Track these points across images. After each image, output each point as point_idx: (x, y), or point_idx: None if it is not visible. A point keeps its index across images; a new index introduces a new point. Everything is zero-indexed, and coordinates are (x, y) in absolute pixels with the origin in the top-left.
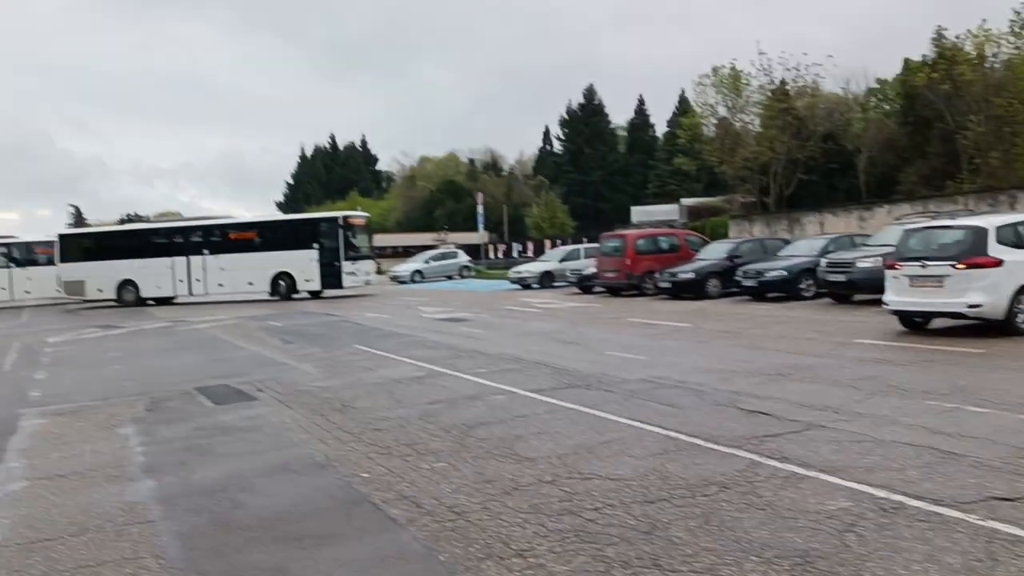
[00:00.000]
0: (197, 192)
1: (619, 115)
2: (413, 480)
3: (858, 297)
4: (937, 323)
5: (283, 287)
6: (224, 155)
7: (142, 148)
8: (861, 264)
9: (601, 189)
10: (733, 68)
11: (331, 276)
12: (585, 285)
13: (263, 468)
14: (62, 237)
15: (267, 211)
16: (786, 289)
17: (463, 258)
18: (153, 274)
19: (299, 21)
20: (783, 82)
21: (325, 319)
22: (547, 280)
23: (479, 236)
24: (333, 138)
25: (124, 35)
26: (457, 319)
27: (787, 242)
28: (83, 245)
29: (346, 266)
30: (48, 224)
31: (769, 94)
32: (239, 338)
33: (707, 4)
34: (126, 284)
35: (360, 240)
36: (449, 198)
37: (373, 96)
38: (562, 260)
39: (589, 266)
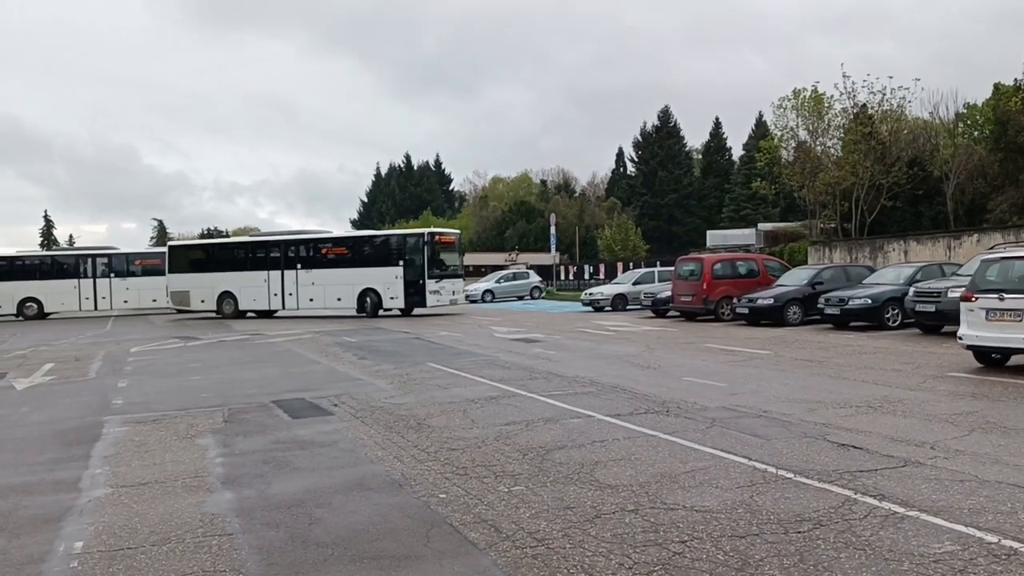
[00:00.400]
0: (274, 208)
1: (693, 138)
2: (491, 503)
3: (948, 328)
4: (1016, 359)
5: (369, 304)
6: (301, 173)
7: (223, 165)
8: (952, 294)
9: (674, 212)
10: (815, 90)
11: (415, 294)
12: (660, 309)
13: (340, 484)
14: (171, 248)
15: (342, 228)
16: (870, 318)
17: (534, 279)
18: (251, 287)
19: (375, 42)
20: (865, 106)
21: (398, 336)
22: (620, 303)
23: (550, 257)
24: (408, 157)
25: (208, 54)
26: (530, 340)
27: (871, 269)
28: (189, 257)
29: (430, 284)
30: (133, 237)
31: (852, 117)
32: (314, 352)
33: (784, 27)
34: (225, 296)
35: (448, 258)
36: (520, 218)
37: (446, 116)
38: (635, 283)
39: (664, 290)
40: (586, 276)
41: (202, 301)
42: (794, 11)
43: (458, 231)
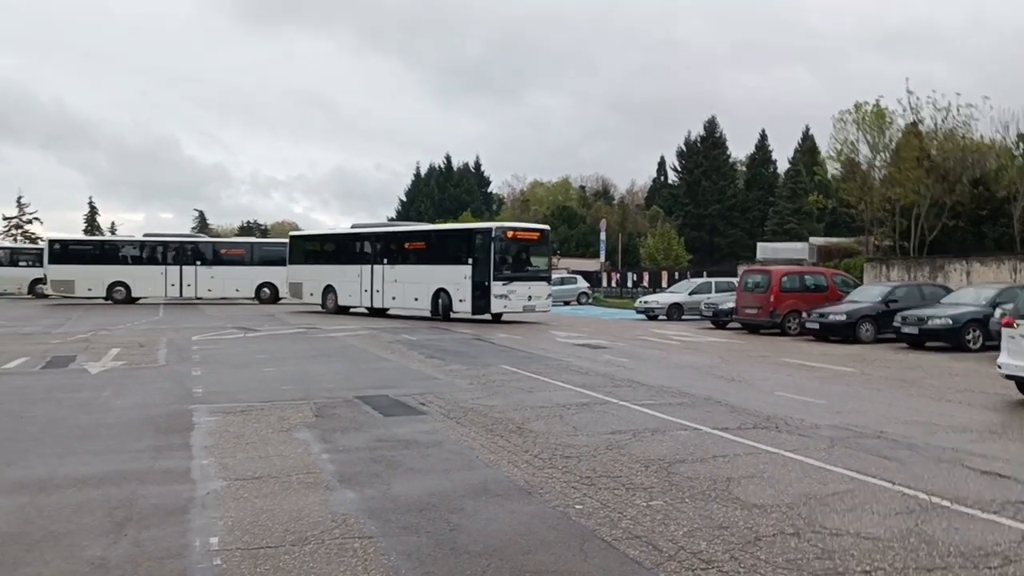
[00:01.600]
0: (309, 204)
1: (737, 149)
2: (635, 518)
3: None
4: None
5: (441, 305)
6: (338, 170)
7: (261, 159)
8: None
9: (717, 223)
10: (877, 105)
11: (481, 297)
12: (721, 320)
13: (463, 488)
14: (292, 238)
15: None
16: (950, 339)
17: (582, 284)
18: (347, 281)
19: (419, 44)
20: (915, 123)
21: (458, 336)
22: (676, 312)
23: (595, 263)
24: (448, 158)
25: (252, 49)
26: (595, 346)
27: (947, 289)
28: (306, 248)
29: (496, 287)
30: (170, 226)
31: (914, 135)
32: (378, 349)
33: (834, 43)
34: (328, 290)
35: (525, 257)
36: (562, 223)
37: (487, 120)
38: (692, 292)
39: (725, 300)
40: (629, 284)
41: (311, 294)
42: (845, 28)
43: (545, 227)
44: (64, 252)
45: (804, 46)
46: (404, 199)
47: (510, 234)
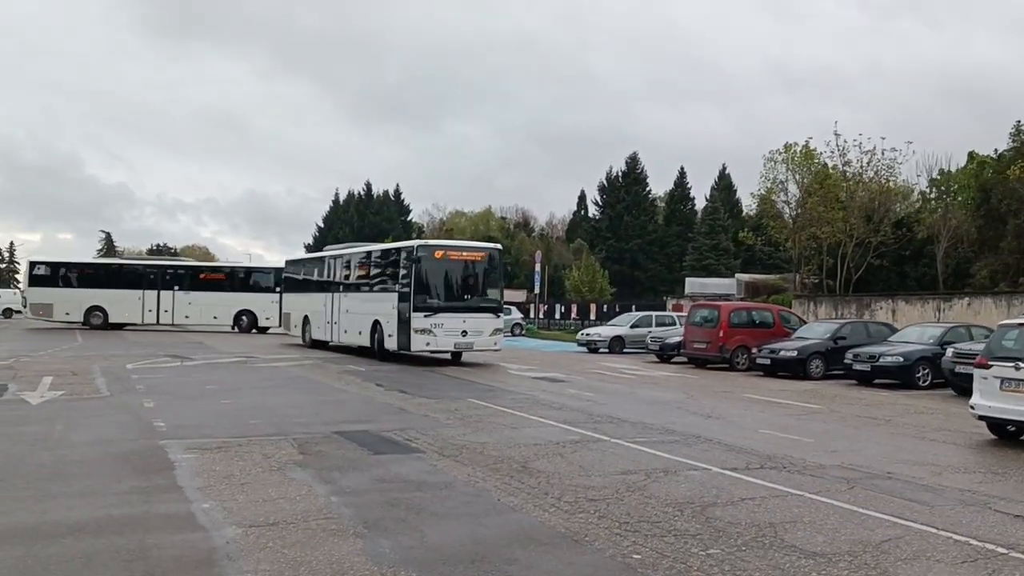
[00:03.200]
0: (218, 228)
1: (656, 185)
2: (702, 568)
3: None
4: None
5: (376, 339)
6: (249, 194)
7: (168, 180)
8: None
9: (638, 257)
10: (806, 146)
11: (402, 332)
12: (667, 354)
13: (504, 535)
14: (287, 263)
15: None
16: (901, 376)
17: (516, 315)
18: (316, 312)
19: (336, 69)
20: (847, 163)
21: (404, 367)
22: (618, 345)
23: (522, 294)
24: (368, 185)
25: (161, 67)
26: (553, 379)
27: (892, 328)
28: (292, 273)
29: (416, 319)
30: (70, 248)
31: (842, 176)
32: (331, 380)
33: (744, 84)
34: (306, 322)
35: (458, 283)
36: None
37: (404, 146)
38: (633, 326)
39: (672, 335)
40: (556, 316)
41: (294, 325)
42: (754, 69)
43: (494, 246)
44: (44, 274)
45: (716, 86)
46: (321, 225)
47: (438, 254)
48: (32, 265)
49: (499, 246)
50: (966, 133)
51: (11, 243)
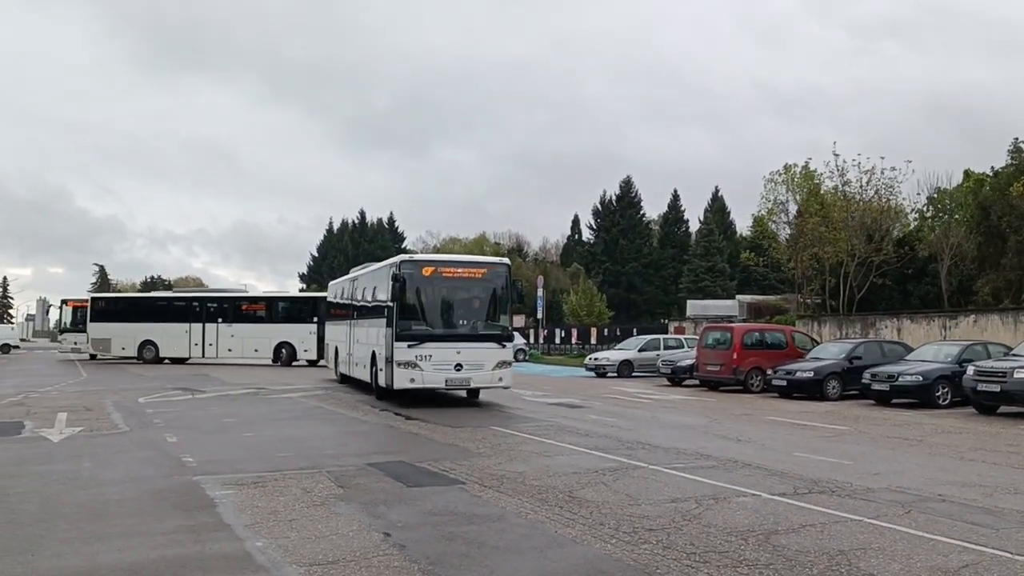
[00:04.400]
0: (210, 259)
1: (650, 208)
2: None
3: (1005, 409)
4: None
5: (373, 372)
6: (240, 223)
7: (159, 212)
8: (1019, 375)
9: (634, 280)
10: (806, 166)
11: (388, 366)
12: (679, 377)
13: (572, 570)
14: (330, 287)
15: (289, 283)
16: (920, 395)
17: (519, 340)
18: (342, 343)
19: (323, 97)
20: (847, 183)
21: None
22: (626, 369)
23: (520, 319)
24: (363, 213)
25: (150, 98)
26: (571, 405)
27: (906, 347)
28: (330, 302)
29: (399, 350)
30: (61, 282)
31: (842, 196)
32: (348, 409)
33: (734, 107)
34: (336, 353)
35: (455, 303)
36: None
37: (395, 174)
38: (641, 349)
39: (683, 358)
40: (557, 340)
41: (330, 359)
42: (743, 93)
43: (500, 260)
44: (104, 310)
45: (706, 109)
46: (316, 254)
47: (427, 270)
48: (94, 301)
49: (506, 261)
50: (955, 152)
51: (4, 278)
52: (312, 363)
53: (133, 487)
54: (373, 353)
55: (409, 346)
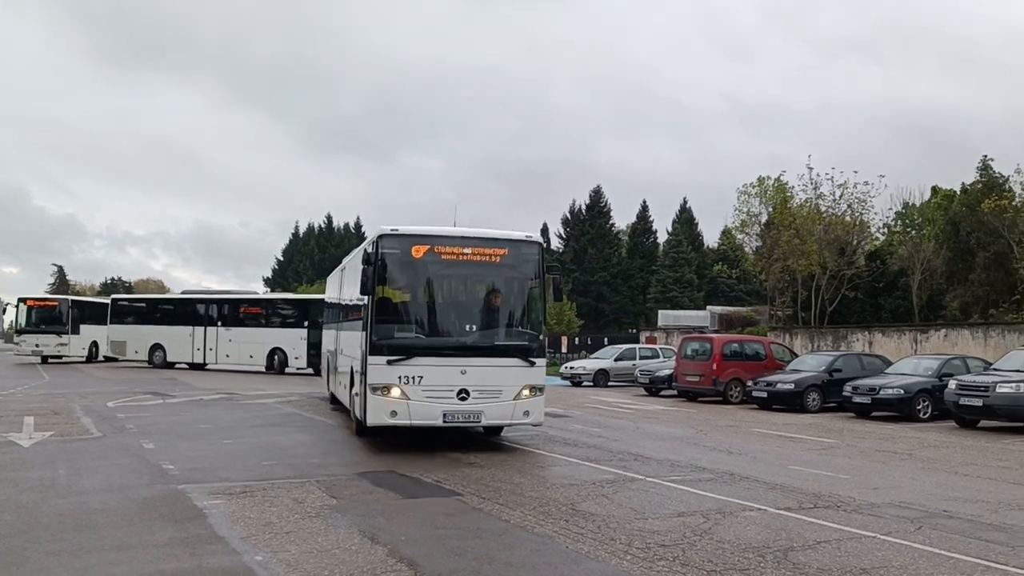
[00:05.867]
0: (170, 261)
1: (618, 218)
2: None
3: (984, 423)
4: None
5: (351, 396)
6: (201, 226)
7: (118, 212)
8: (1001, 389)
9: (603, 290)
10: (779, 179)
11: (362, 390)
12: (656, 387)
13: None
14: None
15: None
16: (901, 409)
17: None
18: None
19: (289, 100)
20: (821, 197)
21: None
22: (602, 378)
23: None
24: (329, 218)
25: (110, 97)
26: (553, 414)
27: (884, 360)
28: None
29: (373, 366)
30: (16, 282)
31: (815, 209)
32: (325, 416)
33: (700, 117)
34: (328, 366)
35: (463, 300)
36: None
37: (360, 180)
38: (617, 359)
39: (662, 368)
40: None
41: (323, 370)
42: (710, 105)
43: (531, 236)
44: (123, 311)
45: (674, 121)
46: (281, 258)
47: (418, 250)
48: (114, 302)
49: (537, 237)
50: (920, 168)
51: None
52: (311, 373)
53: (116, 496)
54: (351, 370)
55: (389, 362)
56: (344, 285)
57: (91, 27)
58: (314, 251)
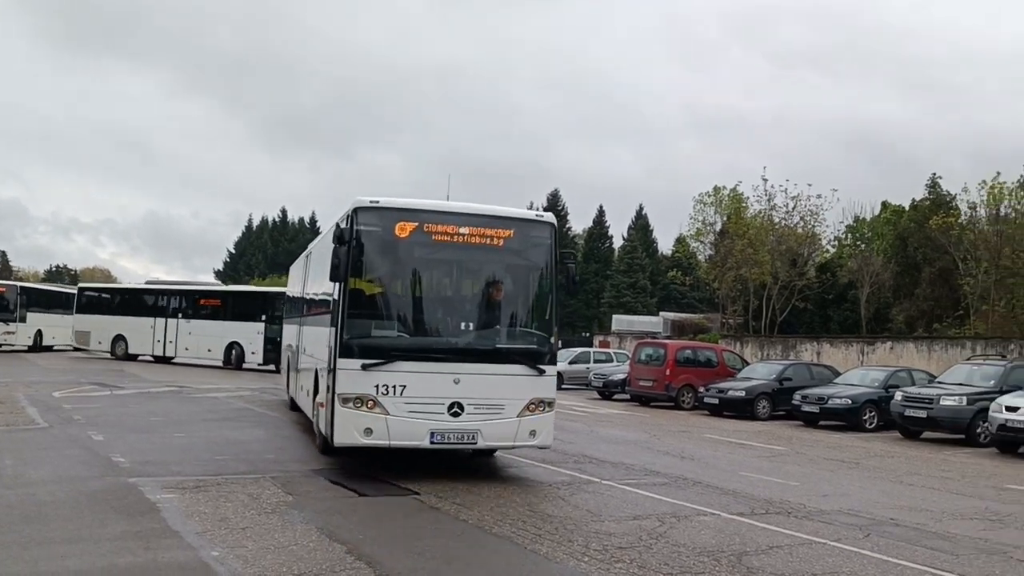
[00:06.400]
0: (117, 250)
1: (575, 223)
2: None
3: (927, 434)
4: None
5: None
6: (151, 215)
7: (65, 198)
8: (945, 402)
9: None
10: (734, 189)
11: (329, 403)
12: (610, 391)
13: None
14: (292, 271)
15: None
16: (848, 419)
17: None
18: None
19: (246, 90)
20: (774, 208)
21: None
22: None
23: None
24: (284, 211)
25: (63, 81)
26: None
27: (833, 370)
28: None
29: (343, 376)
30: None
31: (768, 220)
32: (279, 412)
33: (656, 126)
34: (289, 367)
35: (461, 288)
36: None
37: (316, 174)
38: (571, 362)
39: (616, 372)
40: None
41: (283, 371)
42: (668, 114)
43: (544, 216)
44: (89, 301)
45: (632, 128)
46: (232, 251)
47: (402, 228)
48: (80, 291)
49: (550, 217)
50: (871, 183)
51: None
52: (273, 369)
53: (65, 488)
54: (316, 373)
55: (365, 367)
56: (310, 273)
57: (44, 9)
58: (267, 245)
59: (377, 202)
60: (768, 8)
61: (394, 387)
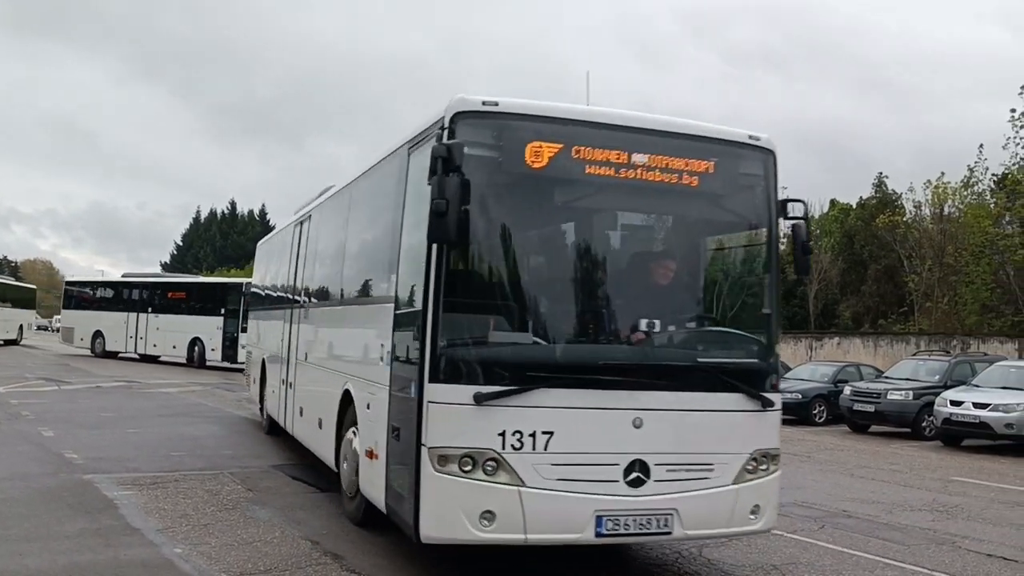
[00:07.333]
0: (59, 241)
1: None
2: None
3: (874, 428)
4: None
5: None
6: (95, 206)
7: (3, 187)
8: (892, 396)
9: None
10: None
11: (396, 464)
12: None
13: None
14: (260, 248)
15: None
16: (799, 413)
17: None
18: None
19: (196, 79)
20: None
21: None
22: None
23: None
24: (233, 204)
25: (6, 67)
26: None
27: (785, 366)
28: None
29: (437, 412)
30: None
31: None
32: (233, 408)
33: None
34: (263, 375)
35: (599, 268)
36: None
37: (267, 166)
38: None
39: None
40: None
41: (253, 380)
42: (625, 107)
43: (759, 138)
44: (74, 295)
45: None
46: (180, 243)
47: (538, 152)
48: (67, 285)
49: (768, 140)
50: (820, 181)
51: None
52: (240, 367)
53: (18, 485)
54: (347, 396)
55: (480, 398)
56: (319, 242)
57: None
58: (216, 237)
59: (495, 104)
60: (721, 7)
61: (532, 435)
